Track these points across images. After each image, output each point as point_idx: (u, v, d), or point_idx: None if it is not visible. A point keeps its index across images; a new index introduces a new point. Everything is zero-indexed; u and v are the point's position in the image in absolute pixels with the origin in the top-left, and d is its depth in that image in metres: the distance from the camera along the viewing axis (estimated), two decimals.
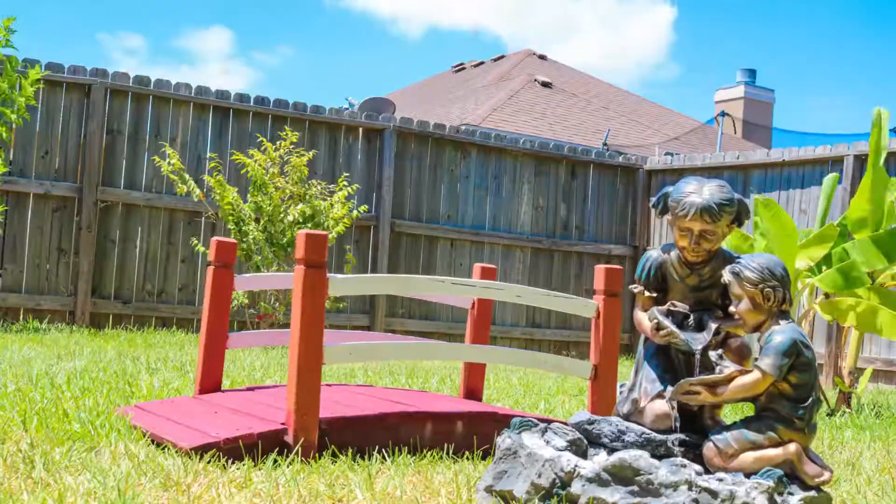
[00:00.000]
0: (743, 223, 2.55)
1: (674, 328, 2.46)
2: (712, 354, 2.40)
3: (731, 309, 2.41)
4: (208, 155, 8.78)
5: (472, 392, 3.89)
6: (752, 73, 22.52)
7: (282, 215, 7.95)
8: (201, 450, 2.77)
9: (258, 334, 3.76)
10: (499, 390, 5.22)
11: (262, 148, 8.16)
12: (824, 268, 5.51)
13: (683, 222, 2.46)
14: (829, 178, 5.77)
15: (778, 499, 2.19)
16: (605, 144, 14.81)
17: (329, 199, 8.23)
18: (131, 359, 5.28)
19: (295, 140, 8.20)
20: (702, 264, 2.53)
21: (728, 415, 4.28)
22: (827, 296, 5.52)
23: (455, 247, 9.98)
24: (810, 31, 63.93)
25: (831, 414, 5.35)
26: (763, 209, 5.12)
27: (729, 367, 2.35)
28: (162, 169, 7.98)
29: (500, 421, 3.19)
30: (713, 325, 2.47)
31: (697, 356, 2.43)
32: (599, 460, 2.32)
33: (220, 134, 8.99)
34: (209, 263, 3.55)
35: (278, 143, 8.26)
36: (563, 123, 17.81)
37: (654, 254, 2.60)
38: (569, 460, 2.30)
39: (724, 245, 5.78)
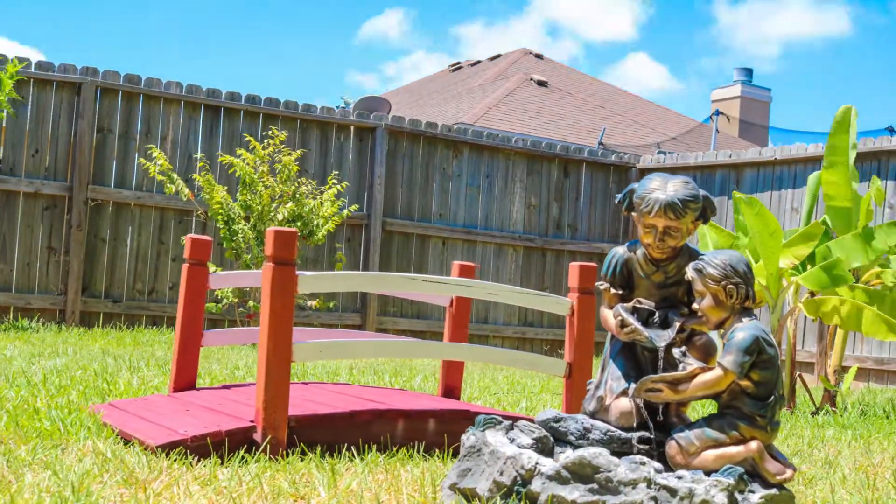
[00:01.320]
0: (709, 220, 2.54)
1: (638, 325, 2.44)
2: (676, 352, 2.39)
3: (695, 306, 2.40)
4: (198, 154, 8.77)
5: (451, 390, 3.87)
6: (748, 72, 22.48)
7: (271, 214, 7.93)
8: (168, 447, 2.76)
9: (233, 332, 3.76)
10: (482, 389, 5.21)
11: (251, 147, 8.14)
12: (809, 266, 5.49)
13: (648, 219, 2.45)
14: (815, 176, 5.76)
15: (738, 497, 2.17)
16: (600, 143, 14.80)
17: (319, 197, 8.22)
18: (114, 357, 5.27)
19: (283, 139, 8.19)
20: (667, 261, 2.52)
21: (709, 412, 4.26)
22: (812, 294, 5.50)
23: (447, 245, 9.97)
24: (806, 29, 63.86)
25: (815, 413, 5.34)
26: (746, 207, 5.11)
27: (692, 364, 2.34)
28: (149, 171, 7.95)
29: (473, 419, 3.17)
30: (678, 323, 2.46)
31: (661, 353, 2.42)
32: (562, 458, 2.31)
33: (211, 132, 8.98)
34: (183, 261, 3.54)
35: (266, 141, 8.25)
36: (559, 122, 17.79)
37: (619, 250, 2.58)
38: (529, 458, 2.29)
39: (710, 245, 5.78)
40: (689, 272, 2.39)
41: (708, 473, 2.23)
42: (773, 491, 2.22)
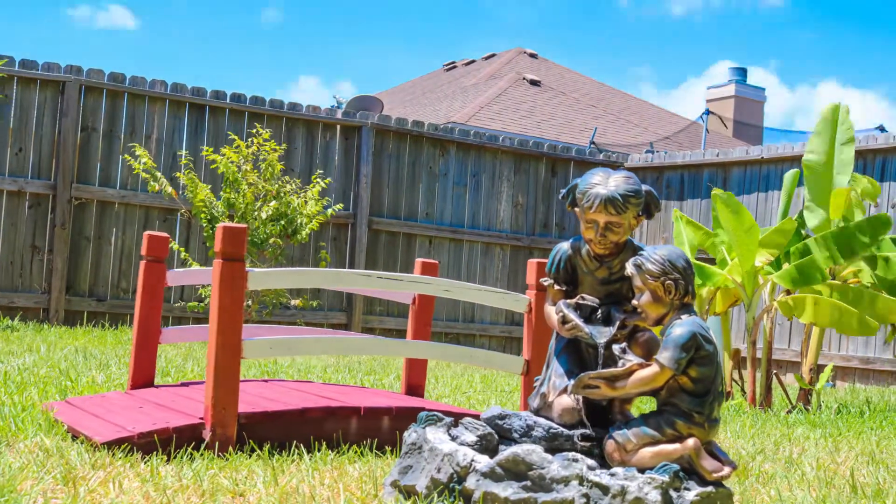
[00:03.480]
0: (653, 215, 2.52)
1: (578, 321, 2.42)
2: (616, 348, 2.37)
3: (634, 302, 2.38)
4: (182, 152, 8.76)
5: (414, 388, 3.85)
6: (742, 71, 22.41)
7: (255, 212, 7.91)
8: (115, 444, 2.75)
9: (191, 329, 3.74)
10: (455, 388, 5.19)
11: (235, 145, 8.13)
12: (785, 264, 5.47)
13: (589, 214, 2.43)
14: (791, 174, 5.73)
15: (673, 494, 2.15)
16: (592, 143, 14.77)
17: (303, 195, 8.20)
18: (85, 355, 5.26)
19: (267, 137, 8.16)
20: (611, 257, 2.50)
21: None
22: (789, 292, 5.48)
23: (433, 245, 9.95)
24: (804, 28, 63.82)
25: (790, 412, 5.31)
26: (721, 204, 5.08)
27: (631, 360, 2.32)
28: (133, 168, 7.94)
29: None
30: (619, 319, 2.44)
31: (601, 350, 2.40)
32: (497, 455, 2.29)
33: (196, 131, 8.97)
34: (141, 257, 3.52)
35: (250, 139, 8.23)
36: (551, 122, 17.76)
37: (564, 246, 2.57)
38: (465, 455, 2.27)
39: (685, 242, 5.76)
40: (629, 268, 2.37)
41: (643, 471, 2.21)
42: (710, 489, 2.20)
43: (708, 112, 16.85)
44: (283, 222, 7.98)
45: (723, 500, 2.22)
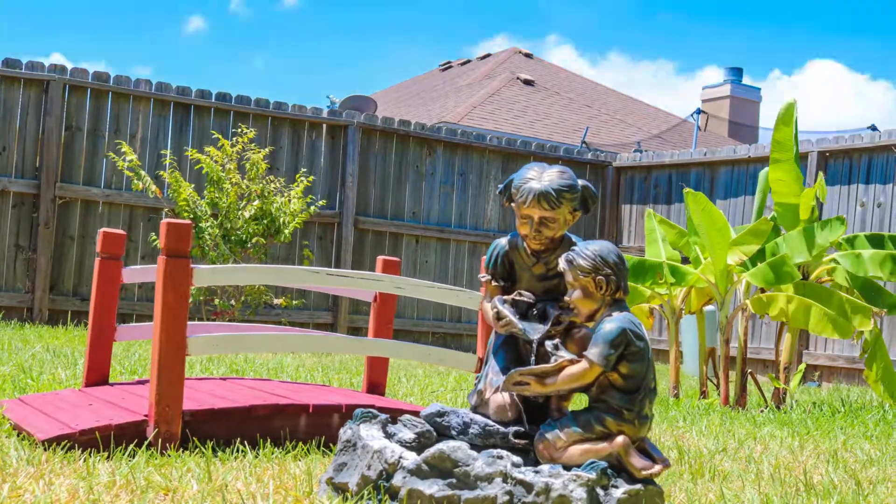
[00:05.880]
0: (589, 210, 2.50)
1: (513, 317, 2.40)
2: (548, 344, 2.35)
3: (566, 298, 2.35)
4: (167, 150, 8.75)
5: (375, 386, 3.84)
6: (738, 71, 22.35)
7: (238, 211, 7.91)
8: (55, 441, 2.73)
9: (147, 326, 3.72)
10: (424, 387, 5.16)
11: (219, 145, 8.12)
12: (759, 263, 5.45)
13: (523, 209, 2.41)
14: (764, 173, 5.70)
15: (600, 492, 2.13)
16: (583, 143, 14.74)
17: (287, 194, 8.19)
18: (55, 353, 5.24)
19: (252, 137, 8.16)
20: (547, 253, 2.48)
21: None
22: (762, 291, 5.46)
23: (420, 244, 9.93)
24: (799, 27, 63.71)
25: (763, 411, 5.28)
26: (692, 203, 5.06)
27: (563, 356, 2.29)
28: (118, 165, 7.93)
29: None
30: (554, 315, 2.42)
31: (534, 346, 2.38)
32: (424, 452, 2.27)
33: (181, 130, 8.96)
34: (97, 255, 3.51)
35: (234, 139, 8.22)
36: (545, 121, 17.73)
37: (502, 242, 2.55)
38: (393, 452, 2.25)
39: (659, 241, 5.73)
40: (561, 264, 2.35)
41: (570, 468, 2.18)
42: (639, 486, 2.17)
43: (699, 111, 16.82)
44: (265, 221, 7.97)
45: (652, 497, 2.19)
